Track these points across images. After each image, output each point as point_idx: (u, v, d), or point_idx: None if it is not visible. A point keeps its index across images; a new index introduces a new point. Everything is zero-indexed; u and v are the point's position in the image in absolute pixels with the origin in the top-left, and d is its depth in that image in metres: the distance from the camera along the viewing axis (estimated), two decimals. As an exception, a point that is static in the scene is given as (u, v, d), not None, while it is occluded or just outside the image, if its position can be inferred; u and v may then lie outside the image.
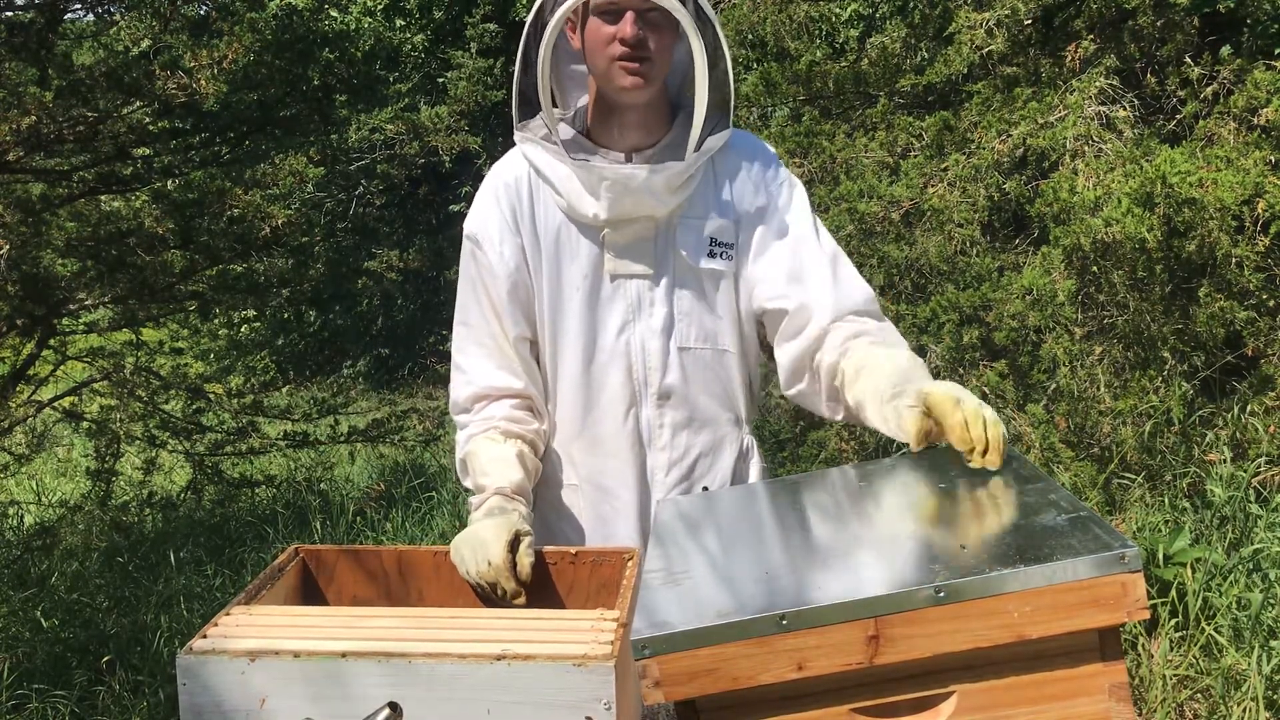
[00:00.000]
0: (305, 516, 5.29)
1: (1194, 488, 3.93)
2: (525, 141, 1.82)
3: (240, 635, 1.33)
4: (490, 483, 1.74)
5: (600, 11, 1.71)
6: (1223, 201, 3.52)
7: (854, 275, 1.84)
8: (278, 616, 1.40)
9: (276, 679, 1.25)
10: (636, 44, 1.69)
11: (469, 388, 1.87)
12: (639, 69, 1.71)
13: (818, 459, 4.47)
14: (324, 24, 6.65)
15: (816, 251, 1.82)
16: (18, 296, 4.46)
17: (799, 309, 1.79)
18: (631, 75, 1.71)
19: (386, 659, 1.24)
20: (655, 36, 1.71)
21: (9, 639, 3.97)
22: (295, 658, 1.26)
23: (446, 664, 1.24)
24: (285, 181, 5.34)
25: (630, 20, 1.69)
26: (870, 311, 1.81)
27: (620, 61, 1.71)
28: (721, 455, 1.90)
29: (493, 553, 1.58)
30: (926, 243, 4.24)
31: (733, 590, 1.22)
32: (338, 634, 1.33)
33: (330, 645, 1.28)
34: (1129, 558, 1.09)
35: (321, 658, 1.25)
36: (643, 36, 1.70)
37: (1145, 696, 3.13)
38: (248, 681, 1.25)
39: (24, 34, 4.03)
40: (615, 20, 1.70)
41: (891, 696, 1.14)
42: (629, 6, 1.69)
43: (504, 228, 1.83)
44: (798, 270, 1.81)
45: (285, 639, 1.31)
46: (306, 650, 1.27)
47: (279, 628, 1.36)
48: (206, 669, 1.26)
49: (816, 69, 4.95)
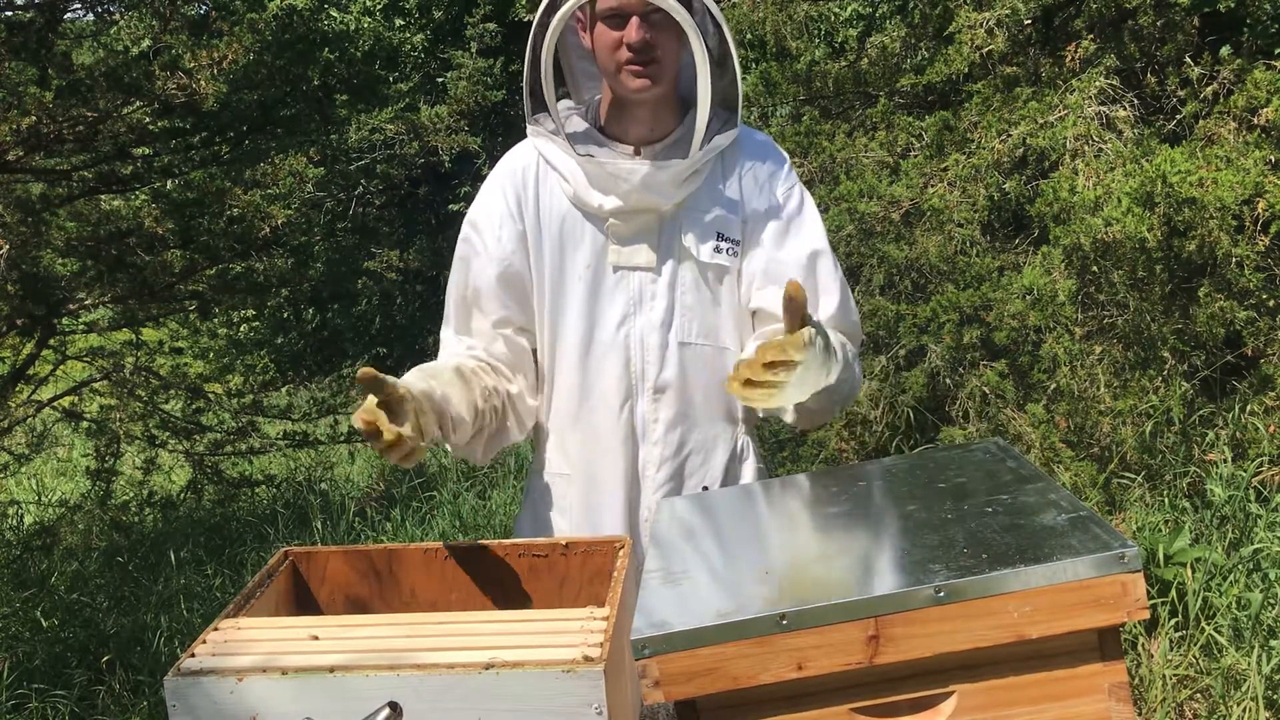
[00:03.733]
0: (305, 516, 5.29)
1: (1194, 488, 3.93)
2: (536, 135, 1.84)
3: (228, 652, 1.32)
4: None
5: (605, 16, 1.73)
6: (1223, 201, 3.52)
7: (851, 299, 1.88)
8: (266, 630, 1.40)
9: (267, 695, 1.25)
10: (642, 48, 1.71)
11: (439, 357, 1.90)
12: (645, 71, 1.73)
13: (818, 459, 4.48)
14: (324, 24, 6.65)
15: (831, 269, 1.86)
16: (18, 296, 4.45)
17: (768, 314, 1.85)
18: (639, 78, 1.74)
19: (375, 672, 1.24)
20: (661, 37, 1.73)
21: (9, 639, 3.97)
22: (284, 674, 1.25)
23: (435, 675, 1.23)
24: (285, 181, 5.34)
25: (635, 25, 1.70)
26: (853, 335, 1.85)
27: (628, 66, 1.73)
28: (714, 454, 1.90)
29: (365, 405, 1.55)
30: (926, 243, 4.24)
31: (732, 590, 1.22)
32: (326, 646, 1.32)
33: (318, 660, 1.28)
34: (1129, 557, 1.09)
35: (310, 673, 1.25)
36: (648, 40, 1.71)
37: (1145, 696, 3.13)
38: (238, 700, 1.25)
39: (24, 34, 4.03)
40: (621, 25, 1.72)
41: (891, 696, 1.15)
42: (632, 11, 1.70)
43: (505, 214, 1.85)
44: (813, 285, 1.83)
45: (273, 655, 1.31)
46: (295, 666, 1.26)
47: (267, 642, 1.35)
48: (195, 690, 1.25)
49: (816, 69, 4.96)
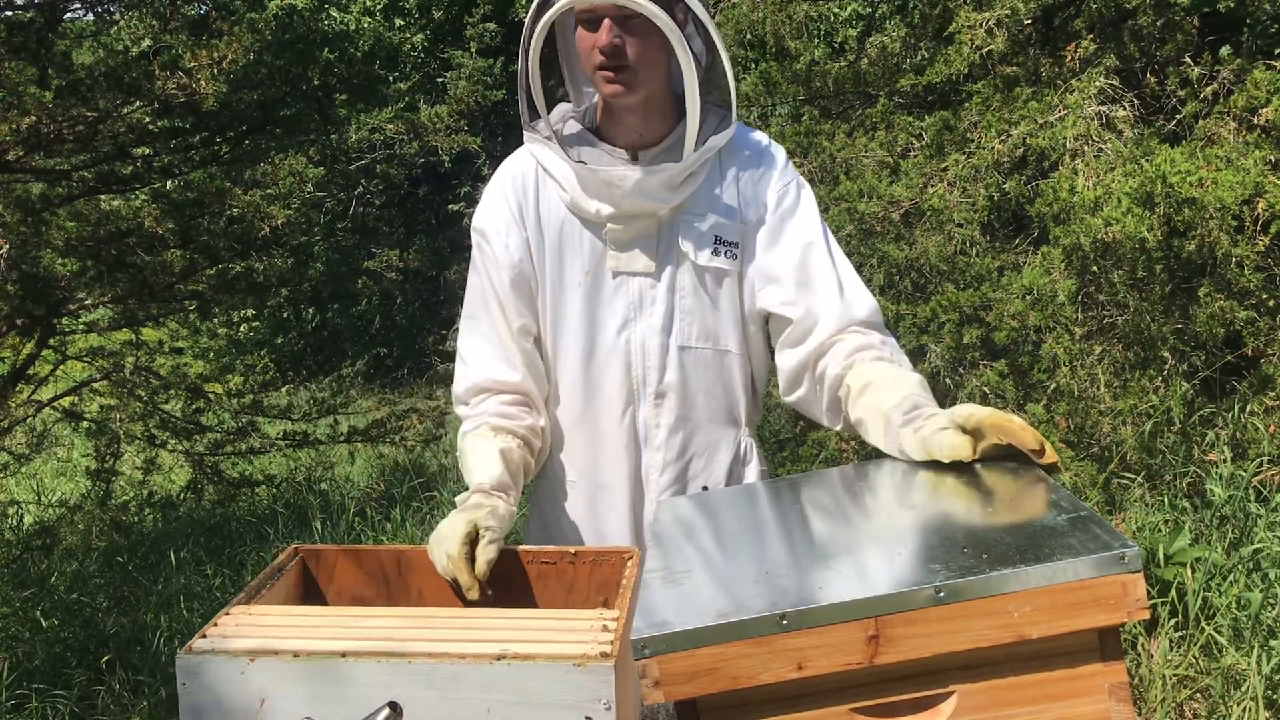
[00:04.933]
0: (305, 516, 5.29)
1: (1194, 488, 3.93)
2: (532, 140, 1.83)
3: (240, 635, 1.33)
4: (473, 480, 1.75)
5: (582, 20, 1.70)
6: (1223, 201, 3.52)
7: (860, 285, 1.83)
8: (277, 616, 1.40)
9: (276, 679, 1.25)
10: (612, 53, 1.68)
11: (468, 380, 1.88)
12: (617, 78, 1.70)
13: (818, 459, 4.47)
14: (324, 24, 6.65)
15: (825, 259, 1.81)
16: (18, 296, 4.45)
17: (804, 316, 1.79)
18: (611, 84, 1.71)
19: (386, 659, 1.24)
20: (638, 42, 1.69)
21: (9, 639, 3.97)
22: (295, 657, 1.26)
23: (446, 664, 1.24)
24: (285, 181, 5.33)
25: (606, 28, 1.67)
26: (875, 324, 1.80)
27: (600, 71, 1.70)
28: (717, 457, 1.90)
29: (450, 547, 1.57)
30: (926, 243, 4.24)
31: (733, 590, 1.22)
32: (337, 634, 1.33)
33: (330, 645, 1.28)
34: (1129, 557, 1.09)
35: (321, 657, 1.25)
36: (619, 45, 1.68)
37: (1145, 696, 3.13)
38: (248, 681, 1.25)
39: (24, 34, 4.03)
40: (595, 28, 1.69)
41: (891, 696, 1.14)
42: (604, 14, 1.67)
43: (509, 221, 1.84)
44: (806, 277, 1.80)
45: (285, 639, 1.31)
46: (306, 650, 1.27)
47: (279, 627, 1.36)
48: (206, 669, 1.26)
49: (816, 69, 4.95)
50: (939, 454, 1.45)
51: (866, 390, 1.67)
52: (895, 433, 1.55)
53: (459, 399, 1.90)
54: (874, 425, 1.62)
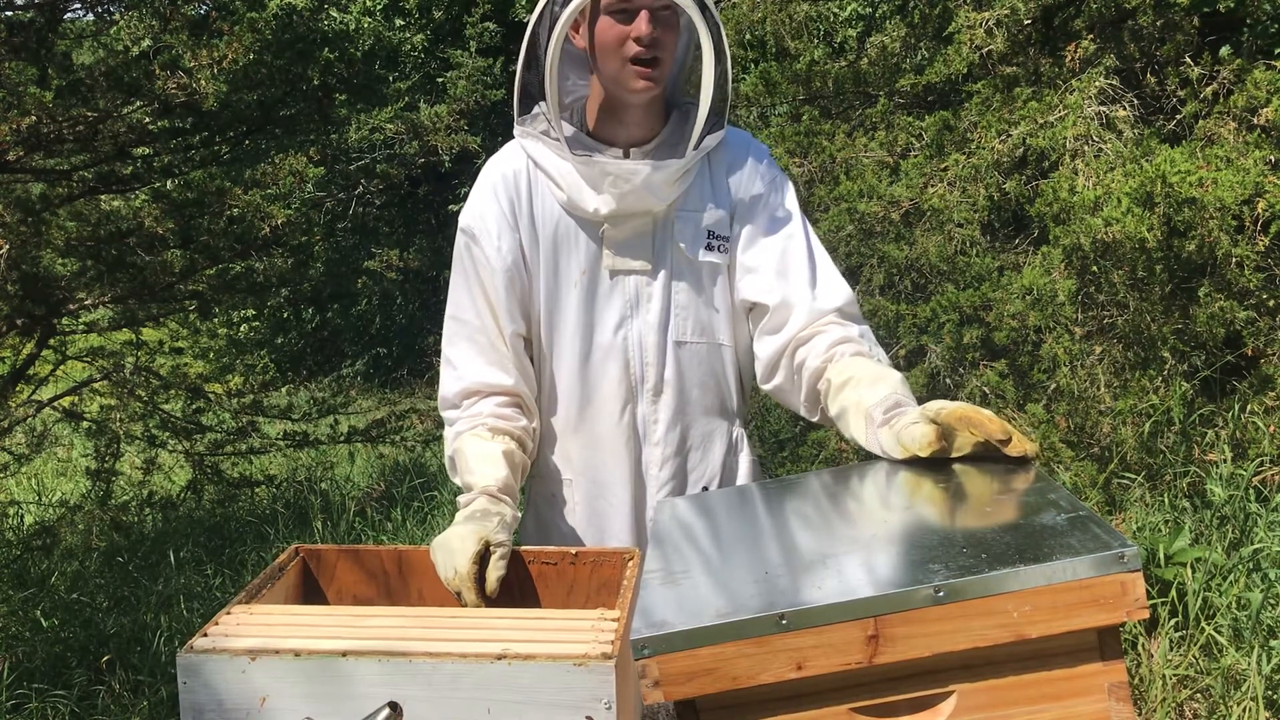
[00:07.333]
0: (305, 516, 5.30)
1: (1194, 487, 3.93)
2: (525, 136, 1.82)
3: (241, 634, 1.33)
4: (476, 481, 1.72)
5: (612, 10, 1.69)
6: (1223, 201, 3.52)
7: (836, 275, 1.85)
8: (278, 615, 1.40)
9: (277, 678, 1.25)
10: (652, 43, 1.68)
11: (459, 383, 1.85)
12: (651, 74, 1.71)
13: (818, 459, 4.47)
14: (324, 24, 6.65)
15: (803, 250, 1.83)
16: (18, 296, 4.45)
17: (781, 304, 1.80)
18: (643, 78, 1.71)
19: (387, 658, 1.24)
20: (665, 36, 1.71)
21: (9, 639, 3.97)
22: (296, 656, 1.26)
23: (447, 663, 1.24)
24: (285, 181, 5.33)
25: (645, 19, 1.67)
26: (850, 314, 1.82)
27: (634, 64, 1.70)
28: (713, 448, 1.91)
29: (459, 562, 1.55)
30: (926, 243, 4.24)
31: (732, 590, 1.22)
32: (338, 633, 1.33)
33: (331, 644, 1.28)
34: (1128, 557, 1.09)
35: (322, 656, 1.25)
36: (658, 36, 1.69)
37: (1145, 696, 3.13)
38: (248, 680, 1.25)
39: (24, 34, 4.03)
40: (628, 20, 1.69)
41: (891, 696, 1.14)
42: (643, 5, 1.67)
43: (502, 222, 1.82)
44: (784, 266, 1.82)
45: (286, 638, 1.31)
46: (307, 649, 1.27)
47: (280, 626, 1.36)
48: (207, 667, 1.26)
49: (816, 68, 4.95)
50: (911, 446, 1.48)
51: (847, 386, 1.68)
52: (875, 430, 1.57)
53: (448, 402, 1.87)
54: (855, 421, 1.63)
